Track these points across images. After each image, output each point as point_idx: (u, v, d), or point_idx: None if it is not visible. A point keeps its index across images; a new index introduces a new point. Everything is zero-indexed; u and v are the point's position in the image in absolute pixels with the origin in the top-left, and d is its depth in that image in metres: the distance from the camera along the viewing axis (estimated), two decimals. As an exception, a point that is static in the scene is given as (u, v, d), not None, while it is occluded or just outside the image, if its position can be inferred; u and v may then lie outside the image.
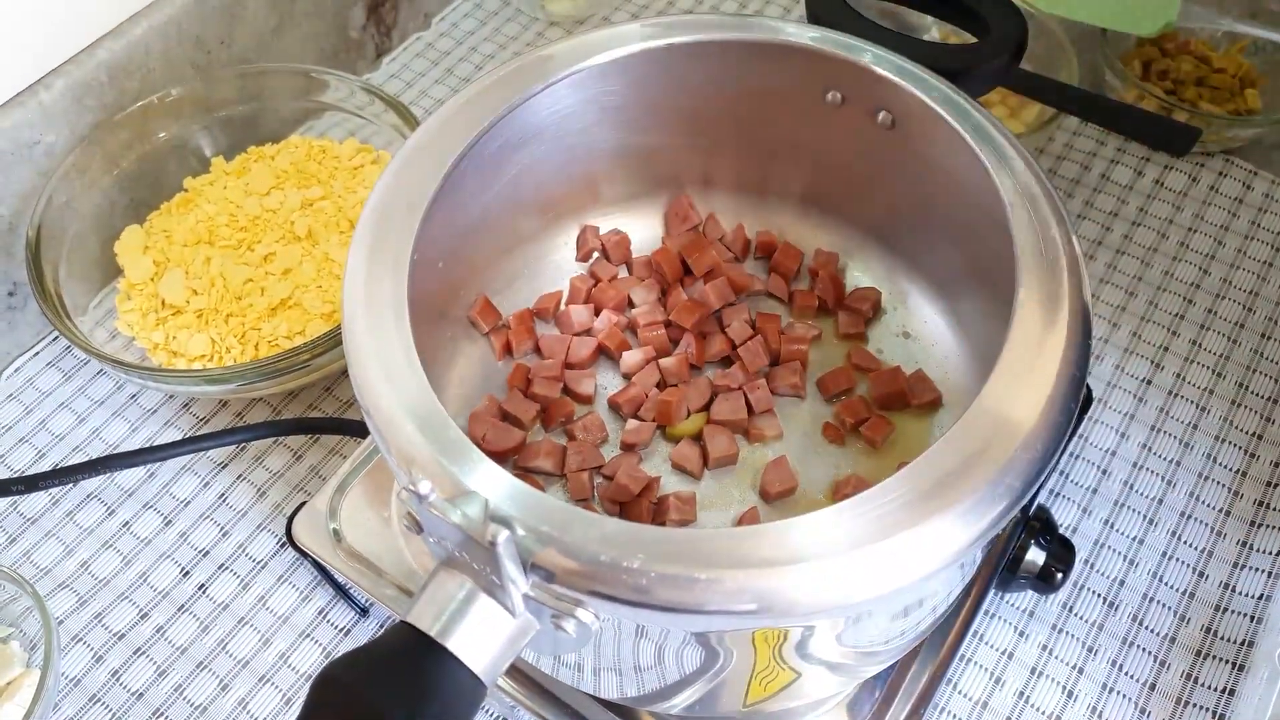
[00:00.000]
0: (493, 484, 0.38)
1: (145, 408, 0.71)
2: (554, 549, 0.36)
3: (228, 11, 0.75)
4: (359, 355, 0.42)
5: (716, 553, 0.36)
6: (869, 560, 0.36)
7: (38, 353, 0.73)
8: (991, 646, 0.60)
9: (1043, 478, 0.39)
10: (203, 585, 0.63)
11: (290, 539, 0.59)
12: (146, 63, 0.72)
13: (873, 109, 0.52)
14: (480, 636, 0.38)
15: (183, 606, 0.62)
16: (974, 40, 0.55)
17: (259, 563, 0.64)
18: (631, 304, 0.61)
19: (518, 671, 0.54)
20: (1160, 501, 0.65)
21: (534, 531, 0.37)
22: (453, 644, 0.37)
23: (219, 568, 0.64)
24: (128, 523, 0.65)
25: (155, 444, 0.65)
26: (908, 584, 0.37)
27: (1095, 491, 0.65)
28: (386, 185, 0.47)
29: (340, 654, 0.42)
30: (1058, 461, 0.48)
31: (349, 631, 0.62)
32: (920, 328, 0.59)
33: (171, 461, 0.67)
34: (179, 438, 0.69)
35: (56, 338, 0.74)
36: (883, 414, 0.56)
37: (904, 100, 0.50)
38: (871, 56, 0.51)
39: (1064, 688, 0.58)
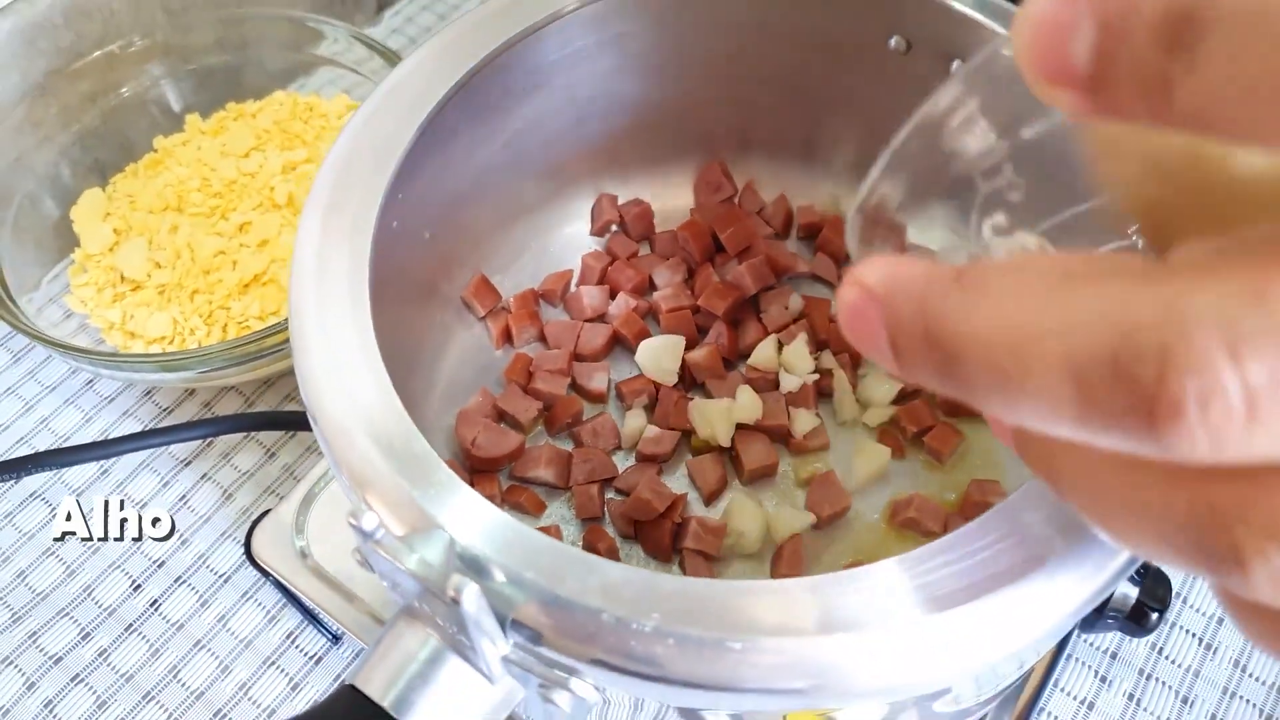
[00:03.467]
0: (466, 514, 0.30)
1: (102, 395, 0.64)
2: (541, 603, 0.29)
3: (203, -51, 0.69)
4: (304, 345, 0.34)
5: (759, 612, 0.28)
6: (960, 625, 0.28)
7: (-20, 330, 0.67)
8: (1070, 695, 0.53)
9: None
10: (155, 601, 0.57)
11: (249, 554, 0.52)
12: (108, 3, 0.66)
13: (945, 55, 0.46)
14: (446, 710, 0.30)
15: (131, 626, 0.56)
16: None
17: (221, 576, 0.57)
18: (653, 286, 0.56)
19: None
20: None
21: (516, 579, 0.29)
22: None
23: (175, 581, 0.57)
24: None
25: (110, 436, 0.60)
26: (1007, 653, 0.29)
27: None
28: (353, 134, 0.39)
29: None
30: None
31: (320, 659, 0.55)
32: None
33: (128, 457, 0.61)
34: (138, 429, 0.62)
35: (1, 313, 0.67)
36: (949, 421, 0.50)
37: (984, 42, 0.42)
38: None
39: (1155, 746, 0.52)
